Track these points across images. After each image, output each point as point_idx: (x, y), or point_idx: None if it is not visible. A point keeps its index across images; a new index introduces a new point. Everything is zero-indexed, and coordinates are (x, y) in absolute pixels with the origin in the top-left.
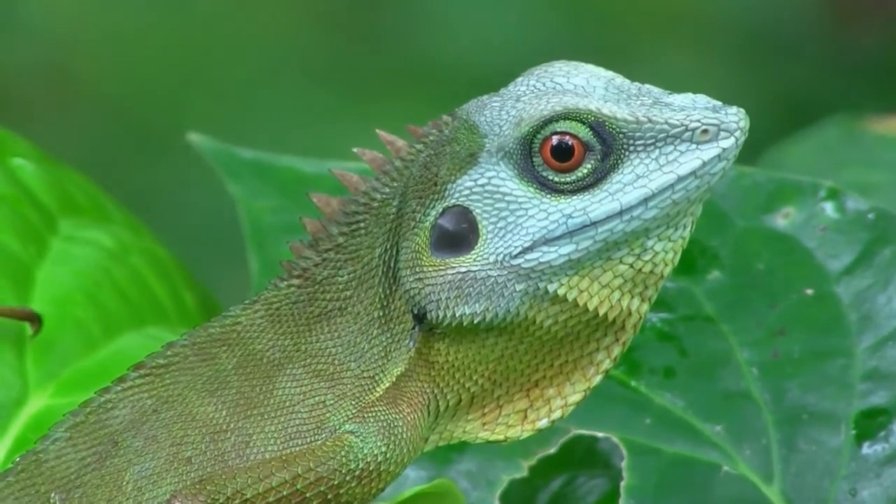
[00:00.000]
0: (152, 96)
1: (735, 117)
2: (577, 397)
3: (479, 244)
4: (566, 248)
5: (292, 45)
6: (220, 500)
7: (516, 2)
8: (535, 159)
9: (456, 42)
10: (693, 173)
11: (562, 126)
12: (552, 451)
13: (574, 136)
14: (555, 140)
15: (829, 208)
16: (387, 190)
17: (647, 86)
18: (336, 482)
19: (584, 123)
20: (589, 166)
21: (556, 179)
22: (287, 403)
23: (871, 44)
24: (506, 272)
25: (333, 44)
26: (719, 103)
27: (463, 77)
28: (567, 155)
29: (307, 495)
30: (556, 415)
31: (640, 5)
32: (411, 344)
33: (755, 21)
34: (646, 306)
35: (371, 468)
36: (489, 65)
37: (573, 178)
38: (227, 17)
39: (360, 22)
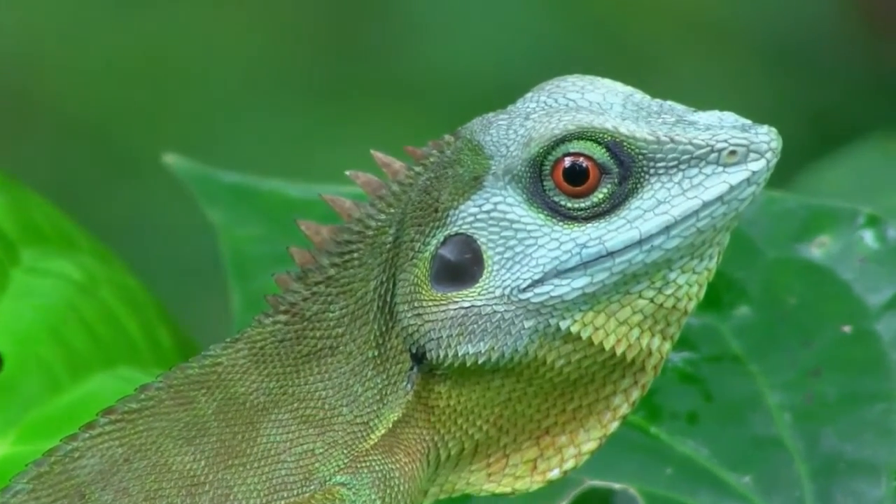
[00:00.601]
0: (124, 116)
1: (766, 137)
2: (591, 445)
3: (483, 276)
4: (580, 281)
5: (274, 60)
6: None
7: (523, 9)
8: (545, 183)
9: (456, 55)
10: (720, 199)
11: (575, 146)
12: None
13: (589, 158)
14: (567, 162)
15: (868, 237)
16: (383, 217)
17: (668, 102)
18: None
19: (599, 144)
20: (605, 191)
21: (569, 205)
22: (272, 452)
23: None
24: (513, 307)
25: (317, 60)
26: (748, 122)
27: (465, 93)
28: (581, 178)
29: None
30: (569, 464)
31: (659, 16)
32: (409, 386)
33: (784, 35)
34: (667, 345)
35: None
36: (494, 79)
37: (588, 203)
38: (203, 33)
39: (348, 36)
